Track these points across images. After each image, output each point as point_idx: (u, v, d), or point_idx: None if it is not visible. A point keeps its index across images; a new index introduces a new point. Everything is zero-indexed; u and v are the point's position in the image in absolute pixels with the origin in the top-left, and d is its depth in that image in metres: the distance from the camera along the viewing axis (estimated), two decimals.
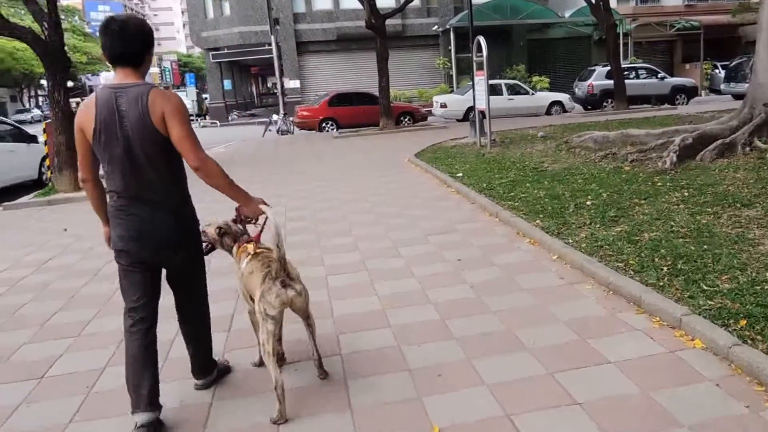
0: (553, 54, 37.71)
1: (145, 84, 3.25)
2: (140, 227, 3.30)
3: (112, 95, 3.17)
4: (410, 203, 9.13)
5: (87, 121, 3.20)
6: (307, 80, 37.96)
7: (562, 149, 12.68)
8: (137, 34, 3.23)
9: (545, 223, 6.83)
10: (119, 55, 3.22)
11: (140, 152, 3.19)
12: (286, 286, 3.40)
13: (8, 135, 14.37)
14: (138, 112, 3.13)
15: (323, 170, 13.57)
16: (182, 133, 3.18)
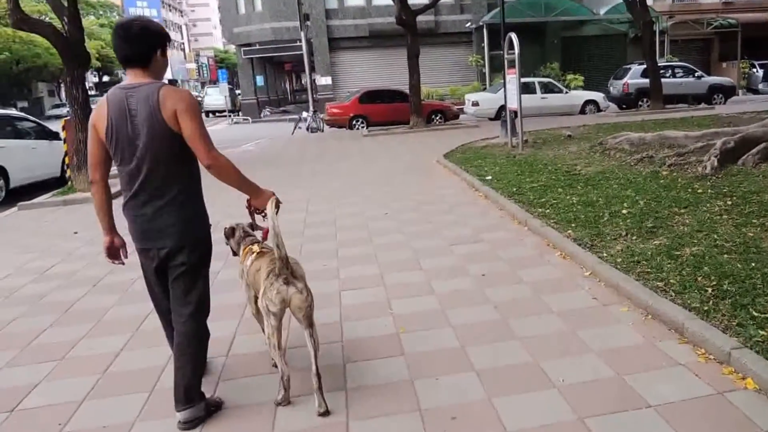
0: (588, 52, 36.86)
1: (155, 82, 3.27)
2: (145, 226, 3.36)
3: (123, 95, 3.23)
4: (436, 208, 8.73)
5: (100, 120, 3.26)
6: (339, 77, 37.68)
7: (597, 151, 12.16)
8: (141, 35, 3.27)
9: (578, 234, 6.38)
10: (127, 57, 3.28)
11: (149, 149, 3.22)
12: (288, 283, 3.40)
13: (30, 132, 14.23)
14: (148, 110, 3.17)
15: (348, 171, 13.21)
16: (194, 131, 3.20)
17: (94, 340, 4.87)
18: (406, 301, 5.20)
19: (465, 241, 6.92)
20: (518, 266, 5.84)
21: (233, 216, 4.03)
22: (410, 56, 21.75)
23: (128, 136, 3.23)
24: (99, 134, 3.29)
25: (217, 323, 4.35)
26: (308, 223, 8.42)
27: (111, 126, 3.23)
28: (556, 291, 5.11)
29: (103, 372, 4.23)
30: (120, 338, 4.85)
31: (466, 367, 3.90)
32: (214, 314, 3.74)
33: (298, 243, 7.29)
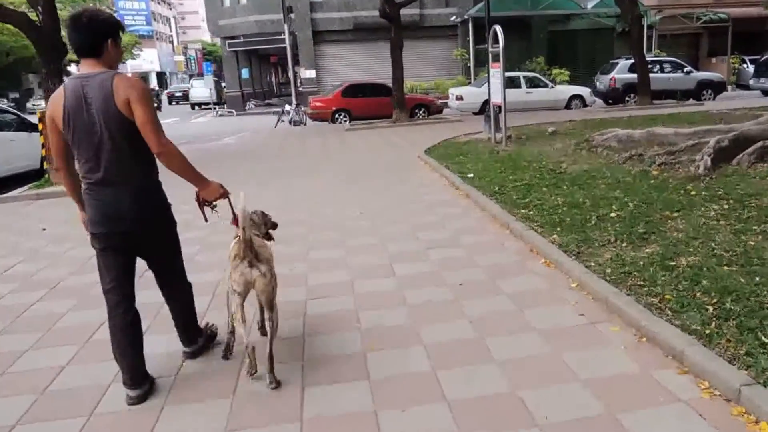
0: (574, 46, 36.43)
1: (109, 71, 3.35)
2: (107, 211, 3.43)
3: (78, 84, 3.31)
4: (414, 208, 8.25)
5: (56, 110, 3.34)
6: (323, 70, 37.12)
7: (583, 148, 11.72)
8: (90, 26, 3.35)
9: (563, 239, 5.91)
10: (78, 47, 3.37)
11: (106, 136, 3.31)
12: (252, 266, 3.58)
13: (9, 123, 13.87)
14: (103, 98, 3.25)
15: (326, 167, 12.70)
16: (145, 118, 3.28)
17: (40, 352, 4.45)
18: (375, 313, 4.71)
19: (443, 245, 6.44)
20: (498, 275, 5.36)
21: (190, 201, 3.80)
22: (394, 49, 21.25)
23: (85, 124, 3.30)
24: (57, 124, 3.38)
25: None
26: (282, 222, 7.91)
27: (67, 115, 3.30)
28: (539, 304, 4.63)
29: (42, 391, 3.80)
30: (68, 350, 4.41)
31: (437, 397, 3.42)
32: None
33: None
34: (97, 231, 3.51)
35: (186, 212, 4.61)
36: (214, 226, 5.33)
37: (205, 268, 6.11)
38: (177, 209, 3.81)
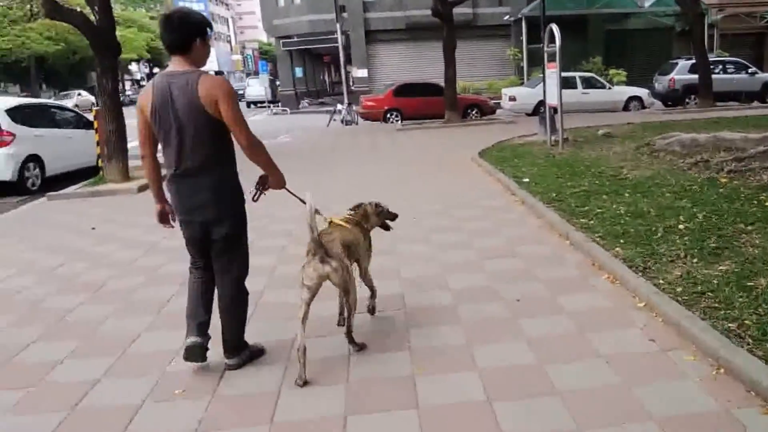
0: (632, 46, 35.51)
1: (195, 71, 3.57)
2: (185, 201, 3.71)
3: (165, 81, 3.54)
4: (468, 214, 7.95)
5: (145, 104, 3.59)
6: (375, 69, 37.13)
7: (644, 152, 11.26)
8: (181, 24, 3.58)
9: (628, 253, 5.56)
10: (169, 45, 3.59)
11: (189, 132, 3.53)
12: (324, 261, 3.75)
13: (67, 121, 14.35)
14: (188, 96, 3.46)
15: (377, 168, 12.51)
16: (233, 116, 3.52)
17: (66, 365, 4.27)
18: (427, 331, 4.45)
19: (498, 255, 6.15)
20: (559, 291, 5.05)
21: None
22: (446, 49, 20.93)
23: (170, 120, 3.54)
24: (145, 116, 3.64)
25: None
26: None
27: (155, 110, 3.54)
28: (604, 327, 4.30)
29: (72, 408, 3.61)
30: (103, 361, 4.26)
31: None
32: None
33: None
34: (180, 218, 3.84)
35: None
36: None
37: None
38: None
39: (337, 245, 3.92)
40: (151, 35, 63.36)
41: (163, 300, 5.46)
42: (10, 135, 12.23)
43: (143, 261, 6.78)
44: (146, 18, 67.72)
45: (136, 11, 67.07)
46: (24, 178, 12.43)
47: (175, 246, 7.22)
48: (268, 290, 5.50)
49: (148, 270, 6.42)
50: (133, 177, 12.49)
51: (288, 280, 5.29)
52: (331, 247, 3.86)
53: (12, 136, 12.24)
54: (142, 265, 6.63)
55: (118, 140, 12.07)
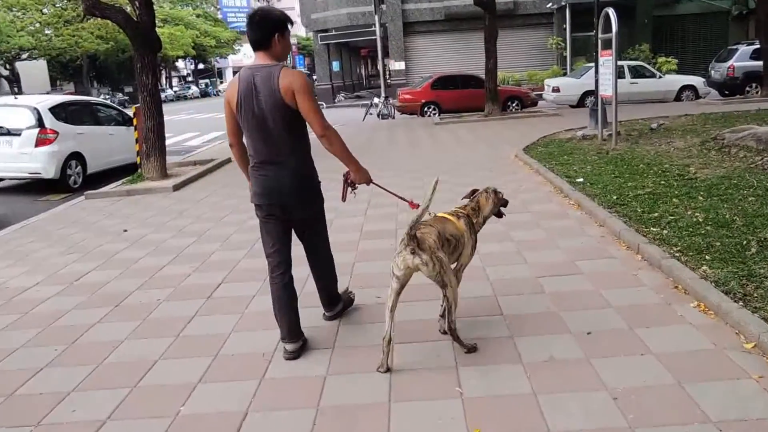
0: (682, 32, 33.94)
1: (277, 65, 3.78)
2: (269, 185, 3.90)
3: (250, 74, 3.78)
4: (517, 220, 6.98)
5: (232, 95, 3.82)
6: (413, 62, 36.11)
7: (711, 148, 10.14)
8: (261, 22, 3.81)
9: (718, 273, 4.58)
10: (252, 42, 3.84)
11: (270, 121, 3.76)
12: (414, 253, 3.65)
13: (109, 118, 14.32)
14: (270, 88, 3.70)
15: (414, 165, 11.58)
16: (309, 107, 3.75)
17: (86, 395, 3.75)
18: (479, 371, 3.58)
19: (558, 272, 5.22)
20: (639, 322, 4.10)
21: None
22: (487, 39, 19.86)
23: (254, 110, 3.76)
24: (231, 108, 3.86)
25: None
26: (364, 232, 6.94)
27: (240, 101, 3.77)
28: (705, 376, 3.35)
29: None
30: (115, 394, 3.69)
31: None
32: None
33: (350, 259, 5.98)
34: (260, 202, 3.98)
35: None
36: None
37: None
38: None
39: (433, 237, 3.79)
40: (196, 32, 65.45)
41: (186, 318, 4.89)
42: (54, 133, 12.17)
43: (169, 270, 6.25)
44: (192, 16, 69.80)
45: (183, 9, 68.47)
46: (66, 175, 12.31)
47: (200, 252, 6.73)
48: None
49: (171, 280, 5.89)
50: (171, 174, 12.32)
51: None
52: (425, 239, 3.74)
53: (55, 134, 12.17)
54: (167, 274, 6.09)
55: (156, 138, 11.93)
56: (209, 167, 13.05)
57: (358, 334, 4.33)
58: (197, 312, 4.97)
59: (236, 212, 8.64)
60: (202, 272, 6.02)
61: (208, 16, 75.75)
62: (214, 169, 13.13)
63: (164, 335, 4.53)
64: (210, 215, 8.63)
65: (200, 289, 5.51)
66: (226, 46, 76.56)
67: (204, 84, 78.90)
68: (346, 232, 7.06)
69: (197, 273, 6.01)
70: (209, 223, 8.11)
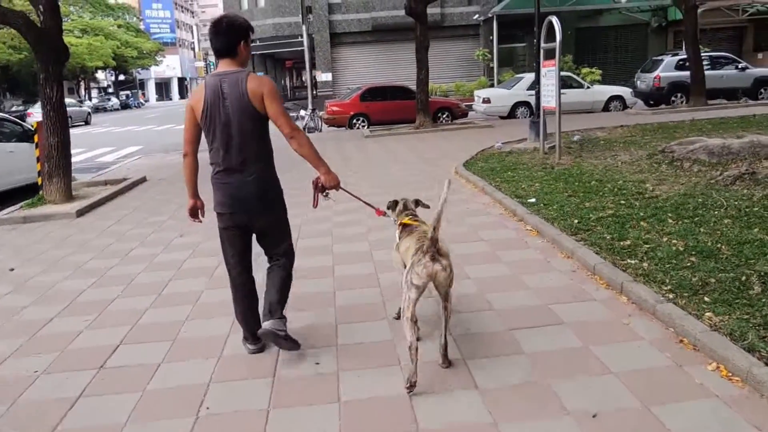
0: (604, 44, 34.23)
1: (243, 70, 3.85)
2: (233, 193, 3.93)
3: (217, 80, 3.81)
4: (473, 251, 6.17)
5: (197, 102, 3.85)
6: (340, 73, 35.36)
7: (661, 162, 9.61)
8: (227, 30, 3.85)
9: (727, 322, 3.84)
10: (216, 49, 3.89)
11: (237, 128, 3.82)
12: (435, 260, 3.59)
13: (10, 133, 12.74)
14: (238, 93, 3.77)
15: (348, 182, 10.62)
16: (277, 110, 3.84)
17: None
18: None
19: (533, 321, 4.38)
20: (651, 397, 3.27)
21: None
22: (419, 49, 19.22)
23: (220, 115, 3.81)
24: (195, 115, 3.88)
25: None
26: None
27: (207, 107, 3.81)
28: None
29: None
30: None
31: None
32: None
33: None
34: (223, 211, 3.97)
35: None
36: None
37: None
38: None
39: (446, 245, 3.80)
40: (117, 43, 64.08)
41: (70, 400, 3.73)
42: None
43: (56, 325, 5.02)
44: (113, 26, 68.73)
45: (103, 20, 66.79)
46: None
47: (98, 300, 5.55)
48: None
49: (56, 342, 4.65)
50: (78, 196, 10.94)
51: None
52: (442, 246, 3.71)
53: None
54: (53, 332, 4.88)
55: (60, 156, 10.50)
56: (121, 188, 11.73)
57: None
58: (83, 392, 3.84)
59: (146, 245, 7.52)
60: (96, 329, 4.88)
61: (130, 26, 74.07)
62: (127, 189, 11.82)
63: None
64: (115, 248, 7.45)
65: (92, 354, 4.37)
66: (148, 57, 74.98)
67: (125, 96, 76.42)
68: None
69: (90, 330, 4.85)
70: (113, 259, 6.93)
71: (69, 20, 61.73)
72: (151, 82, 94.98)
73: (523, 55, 34.71)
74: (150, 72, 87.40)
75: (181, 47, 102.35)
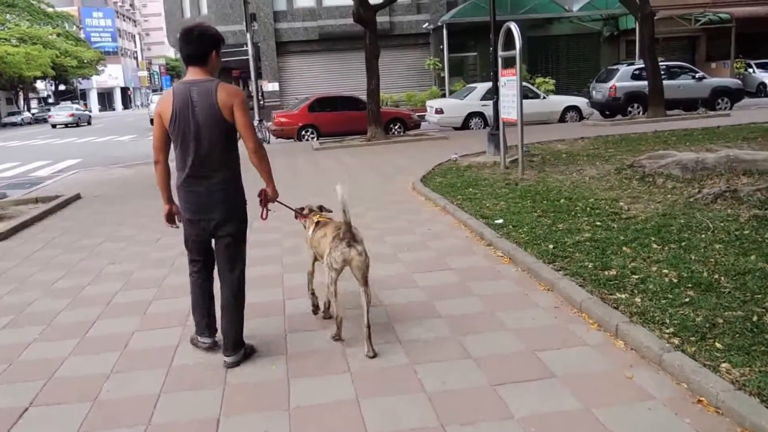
0: (556, 53, 34.15)
1: (213, 80, 3.93)
2: (198, 201, 4.02)
3: (186, 88, 3.89)
4: (440, 282, 5.51)
5: (165, 109, 3.90)
6: (287, 83, 34.43)
7: (631, 177, 9.12)
8: (200, 38, 3.96)
9: (750, 377, 3.27)
10: (188, 56, 3.98)
11: (206, 135, 3.88)
12: (350, 245, 4.09)
13: None
14: (208, 102, 3.84)
15: (299, 198, 9.84)
16: (245, 122, 3.92)
17: None
18: None
19: (520, 375, 3.72)
20: None
21: None
22: (369, 58, 18.61)
23: (189, 123, 3.86)
24: (164, 121, 3.93)
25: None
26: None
27: (175, 114, 3.86)
28: None
29: None
30: None
31: None
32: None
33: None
34: (190, 216, 4.09)
35: None
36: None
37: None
38: None
39: (360, 233, 4.26)
40: (56, 52, 62.59)
41: None
42: None
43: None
44: (52, 35, 66.30)
45: (41, 28, 64.85)
46: None
47: (10, 344, 4.68)
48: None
49: None
50: (3, 216, 9.94)
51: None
52: (356, 233, 4.20)
53: None
54: None
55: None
56: (52, 206, 10.66)
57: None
58: None
59: (73, 274, 6.63)
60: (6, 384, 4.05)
61: (70, 35, 72.05)
62: (58, 208, 10.76)
63: None
64: (38, 278, 6.54)
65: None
66: (88, 67, 73.19)
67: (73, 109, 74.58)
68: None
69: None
70: (33, 292, 6.05)
71: (5, 29, 59.81)
72: (94, 92, 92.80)
73: (474, 64, 34.44)
74: (92, 82, 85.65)
75: (124, 56, 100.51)
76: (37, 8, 66.16)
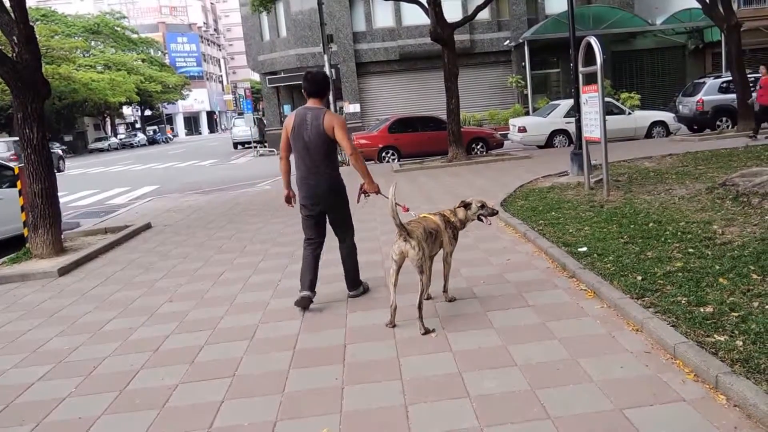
0: (640, 67, 33.06)
1: (323, 108, 5.74)
2: (311, 191, 5.79)
3: (304, 112, 5.72)
4: (518, 323, 5.13)
5: (288, 124, 5.76)
6: (367, 104, 34.53)
7: (724, 197, 8.51)
8: (322, 81, 5.77)
9: None
10: (310, 92, 5.77)
11: (313, 147, 5.65)
12: (406, 241, 5.00)
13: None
14: (317, 123, 5.60)
15: (375, 227, 9.67)
16: (344, 136, 5.63)
17: None
18: None
19: None
20: None
21: None
22: (448, 77, 18.36)
23: (302, 136, 5.66)
24: (287, 132, 5.78)
25: None
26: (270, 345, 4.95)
27: (294, 129, 5.69)
28: None
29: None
30: None
31: None
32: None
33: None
34: (305, 203, 5.85)
35: None
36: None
37: None
38: None
39: (419, 231, 5.09)
40: (140, 78, 64.11)
41: None
42: None
43: None
44: (137, 61, 68.00)
45: (126, 54, 67.12)
46: None
47: (45, 400, 4.30)
48: None
49: None
50: (70, 248, 9.86)
51: None
52: (413, 230, 5.05)
53: None
54: None
55: (46, 205, 9.35)
56: (119, 237, 10.54)
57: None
58: None
59: (127, 314, 6.40)
60: None
61: (154, 60, 74.32)
62: (126, 239, 10.63)
63: None
64: (89, 319, 6.33)
65: None
66: (173, 92, 75.09)
67: (152, 131, 76.88)
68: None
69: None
70: (81, 336, 5.82)
71: (91, 55, 62.20)
72: (180, 117, 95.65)
73: (557, 80, 33.70)
74: (177, 106, 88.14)
75: (209, 80, 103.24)
76: (121, 34, 68.39)
